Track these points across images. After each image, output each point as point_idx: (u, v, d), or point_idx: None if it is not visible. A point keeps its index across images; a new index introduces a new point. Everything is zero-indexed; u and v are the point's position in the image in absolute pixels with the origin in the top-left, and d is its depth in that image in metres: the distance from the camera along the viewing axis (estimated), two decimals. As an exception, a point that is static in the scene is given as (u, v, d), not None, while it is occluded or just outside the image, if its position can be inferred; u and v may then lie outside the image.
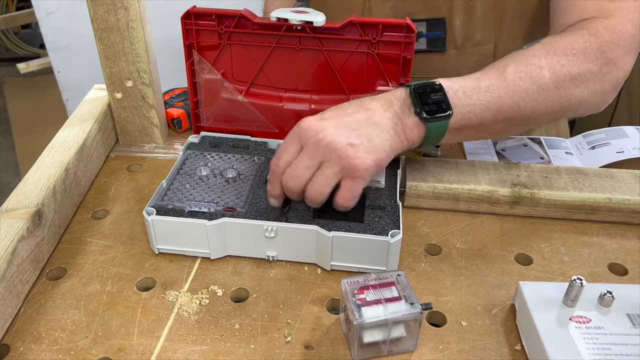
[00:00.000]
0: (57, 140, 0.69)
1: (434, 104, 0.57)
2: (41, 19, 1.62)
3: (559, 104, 0.61)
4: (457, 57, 0.81)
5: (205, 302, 0.55)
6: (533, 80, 0.59)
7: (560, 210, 0.66)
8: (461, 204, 0.67)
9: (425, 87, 0.57)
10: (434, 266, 0.60)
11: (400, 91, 0.58)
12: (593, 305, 0.50)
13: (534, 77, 0.59)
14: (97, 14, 0.68)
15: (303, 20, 0.64)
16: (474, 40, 0.79)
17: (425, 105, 0.57)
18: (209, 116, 0.74)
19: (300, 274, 0.59)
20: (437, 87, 0.58)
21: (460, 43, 0.80)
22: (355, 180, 0.54)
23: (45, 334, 0.52)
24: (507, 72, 0.59)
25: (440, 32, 0.79)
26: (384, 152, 0.55)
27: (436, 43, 0.80)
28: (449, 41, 0.80)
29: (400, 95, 0.58)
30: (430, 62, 0.82)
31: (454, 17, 0.77)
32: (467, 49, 0.80)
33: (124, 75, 0.73)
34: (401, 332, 0.49)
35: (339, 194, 0.55)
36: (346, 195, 0.55)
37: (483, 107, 0.59)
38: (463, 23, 0.78)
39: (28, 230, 0.55)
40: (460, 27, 0.78)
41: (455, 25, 0.78)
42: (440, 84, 0.58)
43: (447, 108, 0.57)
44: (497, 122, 0.60)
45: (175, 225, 0.58)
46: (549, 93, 0.60)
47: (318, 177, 0.54)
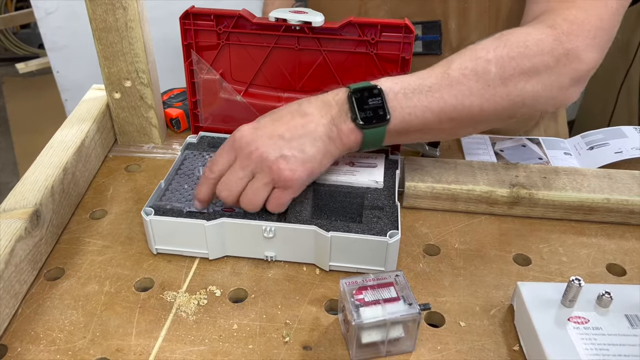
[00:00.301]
0: (55, 140, 0.69)
1: (371, 110, 0.56)
2: (40, 19, 1.62)
3: (508, 100, 0.58)
4: None
5: (203, 302, 0.55)
6: (478, 76, 0.57)
7: (558, 211, 0.66)
8: (460, 204, 0.67)
9: (363, 92, 0.56)
10: (433, 266, 0.60)
11: (341, 93, 0.57)
12: (591, 305, 0.50)
13: (479, 72, 0.57)
14: (96, 13, 0.68)
15: (302, 21, 0.64)
16: (470, 42, 0.78)
17: (362, 112, 0.56)
18: (208, 116, 0.74)
19: (299, 274, 0.59)
20: (376, 91, 0.56)
21: (456, 45, 0.80)
22: (286, 191, 0.56)
23: (43, 334, 0.52)
24: (452, 68, 0.57)
25: (435, 34, 0.79)
26: (316, 162, 0.56)
27: (432, 46, 0.80)
28: (445, 44, 0.80)
29: (339, 99, 0.57)
30: (426, 65, 0.82)
31: (449, 20, 0.77)
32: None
33: (122, 75, 0.73)
34: (399, 333, 0.49)
35: (267, 203, 0.57)
36: (274, 204, 0.57)
37: (424, 109, 0.57)
38: (458, 25, 0.78)
39: (26, 231, 0.55)
40: (456, 30, 0.78)
41: (450, 28, 0.78)
42: (379, 88, 0.56)
43: (384, 114, 0.56)
44: (442, 123, 0.58)
45: (174, 226, 0.58)
46: (496, 89, 0.57)
47: (250, 188, 0.56)
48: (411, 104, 0.57)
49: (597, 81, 1.89)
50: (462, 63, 0.57)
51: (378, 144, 0.58)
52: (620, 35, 0.67)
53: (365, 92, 0.56)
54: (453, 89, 0.57)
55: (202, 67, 0.71)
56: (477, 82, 0.57)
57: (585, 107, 2.00)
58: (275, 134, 0.56)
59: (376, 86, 0.56)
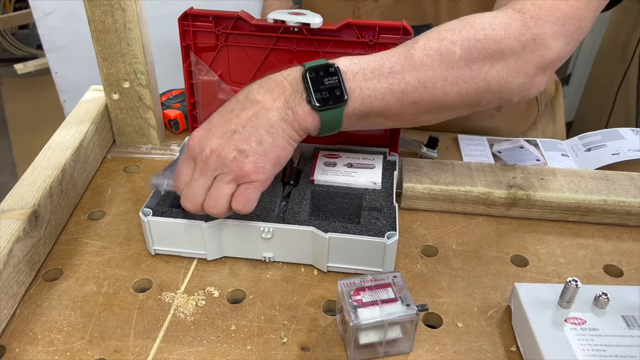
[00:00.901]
0: (53, 141, 0.69)
1: (327, 91, 0.52)
2: (38, 19, 1.62)
3: (473, 84, 0.55)
4: None
5: (201, 303, 0.55)
6: (442, 58, 0.54)
7: (555, 212, 0.66)
8: (457, 205, 0.67)
9: (319, 71, 0.52)
10: (430, 267, 0.60)
11: (295, 72, 0.54)
12: (588, 306, 0.50)
13: (443, 53, 0.54)
14: (95, 15, 0.68)
15: (300, 22, 0.64)
16: None
17: (317, 92, 0.52)
18: (206, 117, 0.74)
19: (297, 275, 0.59)
20: (332, 70, 0.52)
21: None
22: (251, 185, 0.53)
23: (41, 335, 0.52)
24: (415, 49, 0.54)
25: None
26: (278, 149, 0.53)
27: None
28: None
29: (293, 79, 0.54)
30: None
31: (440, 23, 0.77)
32: None
33: (121, 76, 0.73)
34: (397, 334, 0.49)
35: (233, 200, 0.54)
36: (240, 200, 0.53)
37: (385, 91, 0.54)
38: None
39: (24, 231, 0.55)
40: None
41: None
42: (336, 66, 0.53)
43: (341, 95, 0.53)
44: (403, 107, 0.55)
45: (172, 226, 0.58)
46: (460, 72, 0.54)
47: (212, 192, 0.53)
48: (371, 86, 0.54)
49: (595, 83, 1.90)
50: (426, 43, 0.54)
51: (337, 127, 0.55)
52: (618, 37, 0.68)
53: (320, 71, 0.52)
54: (416, 71, 0.54)
55: (200, 69, 0.71)
56: (441, 63, 0.54)
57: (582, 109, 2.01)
58: (229, 130, 0.53)
59: (333, 65, 0.53)
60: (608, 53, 1.84)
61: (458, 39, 0.54)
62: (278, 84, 0.54)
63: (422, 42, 0.54)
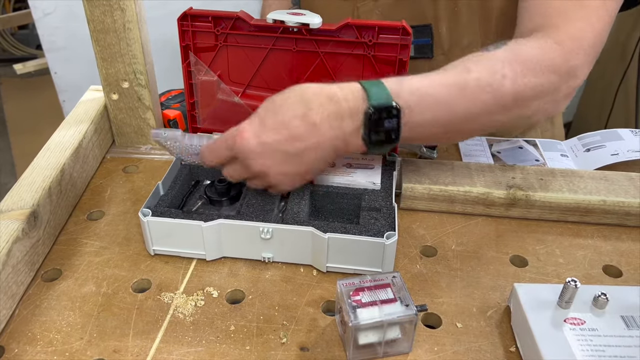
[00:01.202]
0: (52, 141, 0.69)
1: (384, 133, 0.54)
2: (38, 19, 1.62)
3: (514, 117, 0.59)
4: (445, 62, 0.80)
5: (200, 303, 0.55)
6: (493, 92, 0.56)
7: (555, 212, 0.66)
8: (457, 205, 0.67)
9: (382, 112, 0.53)
10: (429, 268, 0.60)
11: (357, 101, 0.54)
12: (587, 307, 0.50)
13: (494, 88, 0.56)
14: (94, 15, 0.68)
15: (299, 22, 0.64)
16: (461, 45, 0.79)
17: (375, 134, 0.54)
18: (205, 118, 0.74)
19: (296, 275, 0.59)
20: (395, 112, 0.53)
21: (448, 49, 0.80)
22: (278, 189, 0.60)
23: (40, 335, 0.52)
24: (469, 80, 0.56)
25: (427, 38, 0.79)
26: (314, 170, 0.58)
27: (424, 49, 0.80)
28: (436, 47, 0.80)
29: (354, 107, 0.54)
30: (418, 69, 0.82)
31: (440, 23, 0.78)
32: (455, 53, 0.80)
33: (120, 76, 0.73)
34: (396, 334, 0.49)
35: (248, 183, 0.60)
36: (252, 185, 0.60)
37: (435, 123, 0.56)
38: (449, 29, 0.78)
39: (23, 232, 0.55)
40: (447, 33, 0.78)
41: (441, 32, 0.78)
42: (398, 108, 0.53)
43: (396, 138, 0.55)
44: (447, 133, 0.59)
45: (171, 227, 0.58)
46: (506, 105, 0.57)
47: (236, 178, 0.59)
48: (423, 121, 0.56)
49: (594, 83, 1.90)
50: (479, 76, 0.56)
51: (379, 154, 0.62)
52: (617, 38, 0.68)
53: (383, 113, 0.53)
54: (466, 103, 0.56)
55: (199, 69, 0.71)
56: (491, 98, 0.56)
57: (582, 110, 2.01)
58: (280, 150, 0.54)
59: (396, 106, 0.53)
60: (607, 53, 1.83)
61: (509, 73, 0.56)
62: (338, 114, 0.53)
63: (475, 74, 0.56)
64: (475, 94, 0.56)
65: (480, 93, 0.56)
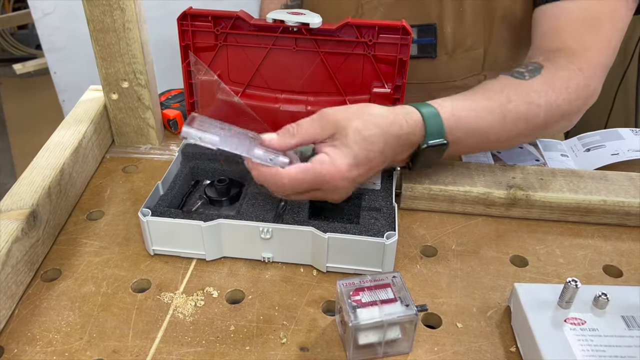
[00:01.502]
0: (52, 141, 0.69)
1: (428, 161, 0.60)
2: (37, 19, 1.62)
3: (541, 135, 0.66)
4: (448, 62, 0.81)
5: (200, 303, 0.55)
6: (528, 121, 0.62)
7: (555, 212, 0.66)
8: (457, 205, 0.67)
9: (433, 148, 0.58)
10: (430, 268, 0.60)
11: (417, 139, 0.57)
12: (588, 307, 0.50)
13: (529, 118, 0.61)
14: (93, 15, 0.68)
15: (299, 22, 0.64)
16: (465, 46, 0.79)
17: (420, 163, 0.60)
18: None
19: (296, 275, 0.59)
20: (444, 148, 0.58)
21: (451, 49, 0.80)
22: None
23: (40, 335, 0.52)
24: (509, 109, 0.61)
25: (431, 38, 0.79)
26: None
27: (427, 49, 0.80)
28: (440, 47, 0.80)
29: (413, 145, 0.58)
30: (421, 68, 0.82)
31: (444, 23, 0.78)
32: (458, 54, 0.80)
33: (120, 76, 0.73)
34: (396, 334, 0.49)
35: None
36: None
37: (472, 145, 0.62)
38: (453, 29, 0.78)
39: (23, 232, 0.55)
40: (451, 33, 0.78)
41: (446, 32, 0.78)
42: (448, 144, 0.58)
43: (435, 163, 0.62)
44: (480, 150, 0.64)
45: (171, 227, 0.58)
46: (538, 132, 0.64)
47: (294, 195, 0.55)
48: (465, 145, 0.61)
49: (594, 83, 1.89)
50: (517, 106, 0.61)
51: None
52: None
53: (434, 148, 0.58)
54: (503, 130, 0.61)
55: (199, 68, 0.71)
56: (526, 127, 0.62)
57: (582, 109, 2.00)
58: (359, 181, 0.55)
59: (446, 143, 0.58)
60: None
61: (543, 103, 0.62)
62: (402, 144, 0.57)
63: (514, 103, 0.61)
64: (512, 123, 0.61)
65: (517, 122, 0.61)
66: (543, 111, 0.62)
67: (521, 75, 0.63)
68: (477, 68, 0.82)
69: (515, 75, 0.63)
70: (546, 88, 0.62)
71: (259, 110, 0.71)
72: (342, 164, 0.52)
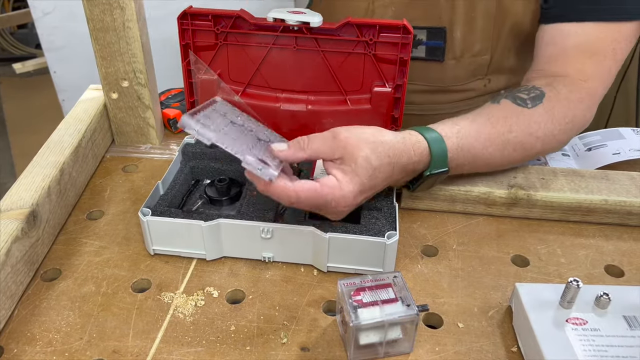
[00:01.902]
0: (52, 140, 0.69)
1: (428, 186, 0.63)
2: (37, 19, 1.62)
3: (532, 159, 0.69)
4: (454, 66, 0.81)
5: (200, 303, 0.55)
6: (525, 150, 0.64)
7: (556, 212, 0.66)
8: (457, 205, 0.67)
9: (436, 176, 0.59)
10: (431, 267, 0.59)
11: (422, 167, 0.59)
12: (589, 307, 0.50)
13: (527, 148, 0.64)
14: (93, 14, 0.68)
15: (300, 21, 0.64)
16: (473, 51, 0.79)
17: (421, 186, 0.62)
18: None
19: (297, 275, 0.58)
20: (446, 174, 0.60)
21: (459, 54, 0.79)
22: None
23: (40, 335, 0.51)
24: (510, 139, 0.63)
25: (440, 41, 0.78)
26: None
27: (435, 52, 0.80)
28: (448, 51, 0.79)
29: (417, 172, 0.60)
30: (428, 71, 0.82)
31: (454, 28, 0.77)
32: (465, 59, 0.80)
33: (119, 75, 0.73)
34: (397, 334, 0.48)
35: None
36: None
37: (470, 168, 0.63)
38: (463, 34, 0.77)
39: (22, 231, 0.55)
40: (460, 38, 0.78)
41: (455, 36, 0.78)
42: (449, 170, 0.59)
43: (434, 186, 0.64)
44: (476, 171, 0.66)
45: (171, 226, 0.58)
46: (533, 158, 0.67)
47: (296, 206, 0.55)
48: (459, 172, 0.63)
49: (594, 83, 1.89)
50: (517, 137, 0.63)
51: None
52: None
53: (437, 176, 0.60)
54: (502, 159, 0.64)
55: (199, 68, 0.70)
56: (523, 155, 0.65)
57: (582, 109, 1.99)
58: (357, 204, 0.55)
59: (448, 171, 0.60)
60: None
61: (541, 135, 0.64)
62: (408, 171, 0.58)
63: (514, 134, 0.63)
64: (510, 152, 0.63)
65: (514, 152, 0.64)
66: (540, 142, 0.64)
67: (524, 102, 0.65)
68: (481, 72, 0.82)
69: (519, 103, 0.65)
70: (546, 119, 0.64)
71: (260, 110, 0.71)
72: (349, 192, 0.53)
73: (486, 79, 0.83)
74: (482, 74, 0.82)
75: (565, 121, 0.65)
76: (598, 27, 0.67)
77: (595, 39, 0.67)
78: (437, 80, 0.83)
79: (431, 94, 0.85)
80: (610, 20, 0.66)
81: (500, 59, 0.81)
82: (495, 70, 0.82)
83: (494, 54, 0.79)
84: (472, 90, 0.84)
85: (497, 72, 0.82)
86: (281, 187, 0.52)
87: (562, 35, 0.69)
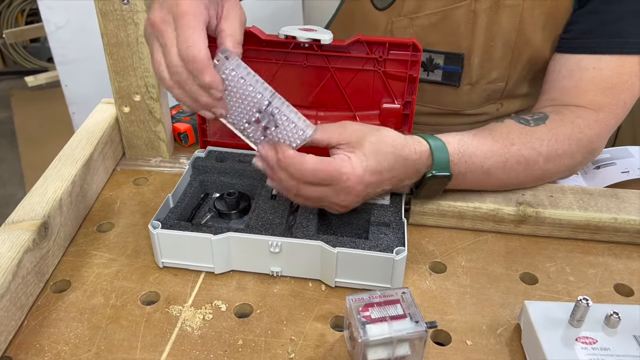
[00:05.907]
0: (64, 152, 0.70)
1: (432, 192, 0.64)
2: (50, 33, 1.64)
3: (540, 182, 0.68)
4: (469, 91, 0.80)
5: (208, 317, 0.55)
6: (527, 165, 0.64)
7: (565, 230, 0.65)
8: (466, 222, 0.67)
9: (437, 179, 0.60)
10: (439, 284, 0.59)
11: (424, 169, 0.60)
12: (599, 326, 0.49)
13: (529, 162, 0.64)
14: (108, 29, 0.69)
15: (311, 38, 0.65)
16: (489, 79, 0.79)
17: (423, 191, 0.63)
18: (216, 131, 0.75)
19: (305, 290, 0.58)
20: (447, 179, 0.61)
21: (475, 80, 0.79)
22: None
23: (48, 347, 0.52)
24: (512, 152, 0.63)
25: (457, 67, 0.78)
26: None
27: (452, 77, 0.79)
28: (465, 77, 0.79)
29: (420, 174, 0.61)
30: (443, 95, 0.82)
31: (472, 55, 0.76)
32: (481, 85, 0.80)
33: (132, 89, 0.74)
34: (406, 351, 0.48)
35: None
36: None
37: (472, 181, 0.64)
38: (481, 61, 0.77)
39: (34, 242, 0.55)
40: (478, 65, 0.77)
41: (473, 63, 0.77)
42: (451, 176, 0.60)
43: (437, 195, 0.65)
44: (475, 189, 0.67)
45: (180, 239, 0.58)
46: (536, 176, 0.66)
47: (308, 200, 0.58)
48: (461, 183, 0.64)
49: (602, 101, 1.88)
50: (519, 150, 0.63)
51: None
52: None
53: (438, 179, 0.61)
54: (503, 172, 0.64)
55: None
56: (524, 170, 0.65)
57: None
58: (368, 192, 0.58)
59: (449, 175, 0.60)
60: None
61: (544, 151, 0.64)
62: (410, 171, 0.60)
63: (517, 147, 0.64)
64: (512, 167, 0.64)
65: (517, 166, 0.64)
66: (543, 158, 0.64)
67: (526, 122, 0.66)
68: (495, 97, 0.82)
69: (521, 122, 0.66)
70: (549, 137, 0.64)
71: (269, 125, 0.72)
72: (360, 167, 0.56)
73: (499, 103, 0.83)
74: (495, 99, 0.82)
75: (569, 142, 0.65)
76: (618, 61, 0.66)
77: (614, 73, 0.67)
78: (450, 104, 0.83)
79: (443, 116, 0.85)
80: (632, 54, 0.66)
81: (514, 86, 0.80)
82: (508, 95, 0.82)
83: (509, 81, 0.79)
84: (484, 114, 0.84)
85: (510, 97, 0.82)
86: (294, 156, 0.54)
87: (580, 69, 0.68)
